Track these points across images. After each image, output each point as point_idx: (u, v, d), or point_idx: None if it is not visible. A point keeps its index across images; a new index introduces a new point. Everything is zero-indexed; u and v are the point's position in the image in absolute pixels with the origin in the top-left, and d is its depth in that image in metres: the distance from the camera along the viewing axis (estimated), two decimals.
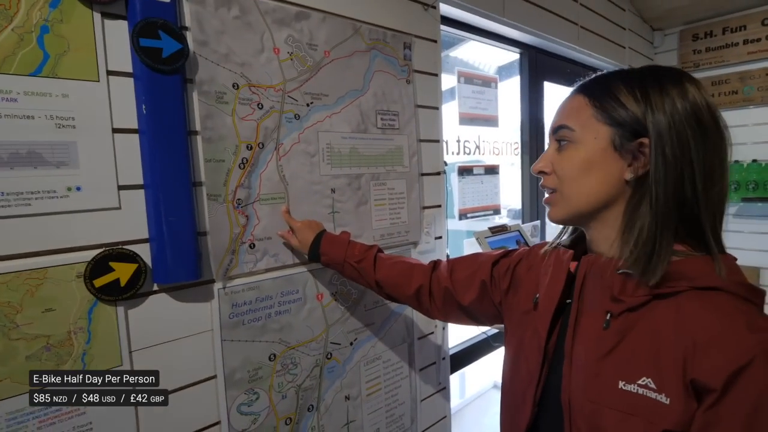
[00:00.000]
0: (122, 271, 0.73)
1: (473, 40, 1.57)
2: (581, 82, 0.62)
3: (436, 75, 1.26)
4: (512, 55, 1.85)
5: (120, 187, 0.74)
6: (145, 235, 0.77)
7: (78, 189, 0.70)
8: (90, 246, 0.72)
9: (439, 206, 1.30)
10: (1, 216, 0.64)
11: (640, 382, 0.51)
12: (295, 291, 0.97)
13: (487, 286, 0.80)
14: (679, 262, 0.53)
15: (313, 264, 1.00)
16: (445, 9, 1.31)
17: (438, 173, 1.29)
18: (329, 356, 1.05)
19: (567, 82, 2.05)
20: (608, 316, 0.56)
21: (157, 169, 0.75)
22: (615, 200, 0.57)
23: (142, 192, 0.76)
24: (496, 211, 1.66)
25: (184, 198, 0.78)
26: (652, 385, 0.50)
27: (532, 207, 1.87)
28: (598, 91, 0.58)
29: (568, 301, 0.63)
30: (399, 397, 1.21)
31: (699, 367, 0.47)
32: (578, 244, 0.68)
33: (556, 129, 0.61)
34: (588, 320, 0.58)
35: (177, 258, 0.78)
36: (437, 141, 1.28)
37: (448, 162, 1.33)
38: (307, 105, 0.96)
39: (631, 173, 0.55)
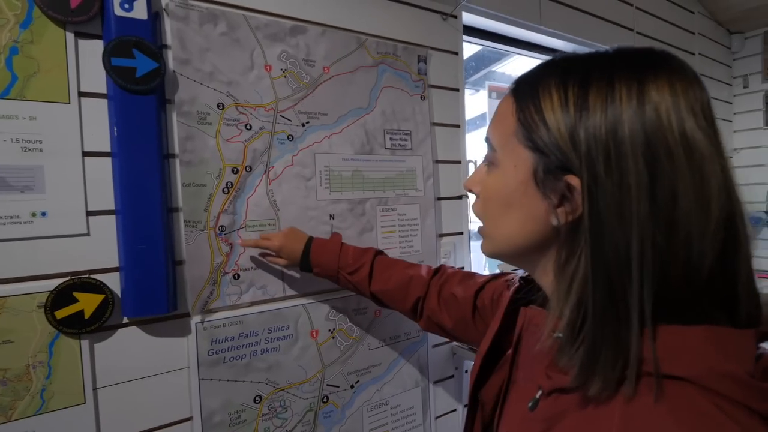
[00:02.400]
0: (87, 302, 0.69)
1: (507, 51, 1.43)
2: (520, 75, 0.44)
3: (457, 90, 1.14)
4: None
5: (89, 213, 0.70)
6: (116, 263, 0.72)
7: (43, 214, 0.67)
8: (54, 275, 0.68)
9: (461, 233, 1.16)
10: None
11: None
12: (285, 327, 0.88)
13: (468, 322, 0.71)
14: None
15: (307, 297, 0.91)
16: (469, 18, 1.19)
17: (460, 197, 1.16)
18: (325, 400, 0.94)
19: None
20: (538, 394, 0.40)
21: (127, 194, 0.70)
22: (548, 245, 0.40)
23: (113, 218, 0.72)
24: None
25: (156, 224, 0.72)
26: None
27: None
28: (524, 91, 0.39)
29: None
30: None
31: None
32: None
33: (486, 139, 0.45)
34: (517, 393, 0.45)
35: (147, 289, 0.72)
36: (459, 162, 1.15)
37: None
38: (303, 125, 0.89)
39: (556, 218, 0.37)
